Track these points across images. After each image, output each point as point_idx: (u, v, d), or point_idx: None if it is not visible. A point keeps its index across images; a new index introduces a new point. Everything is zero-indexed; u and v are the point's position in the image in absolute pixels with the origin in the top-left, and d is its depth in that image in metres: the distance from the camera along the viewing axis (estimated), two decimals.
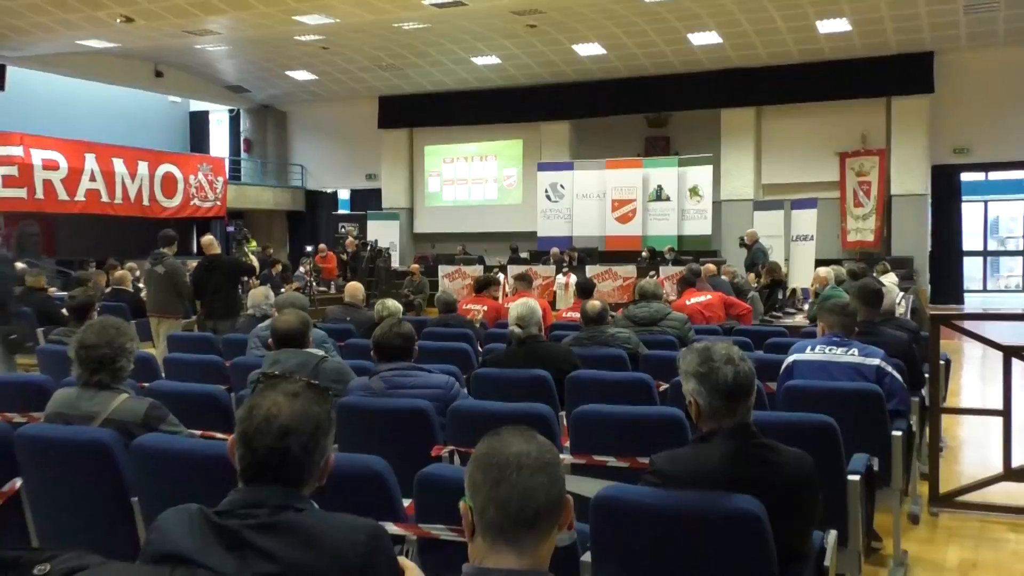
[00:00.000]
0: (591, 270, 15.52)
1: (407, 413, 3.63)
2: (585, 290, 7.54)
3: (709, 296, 7.70)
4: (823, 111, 17.97)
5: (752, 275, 12.45)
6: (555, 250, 17.05)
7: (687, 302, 7.49)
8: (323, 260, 17.17)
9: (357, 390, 3.80)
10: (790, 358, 4.34)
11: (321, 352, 4.20)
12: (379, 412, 3.67)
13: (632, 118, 19.85)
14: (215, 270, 8.59)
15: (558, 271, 15.74)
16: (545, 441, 1.56)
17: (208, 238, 9.04)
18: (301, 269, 16.59)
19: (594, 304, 5.56)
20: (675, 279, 13.91)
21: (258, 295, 6.63)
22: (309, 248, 16.04)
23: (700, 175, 17.80)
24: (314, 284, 15.35)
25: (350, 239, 17.48)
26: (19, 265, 10.41)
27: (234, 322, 8.31)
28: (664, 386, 4.62)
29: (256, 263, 9.49)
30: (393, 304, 6.01)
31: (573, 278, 14.33)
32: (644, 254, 16.57)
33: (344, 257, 17.35)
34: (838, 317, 4.32)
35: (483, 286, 8.37)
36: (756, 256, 13.61)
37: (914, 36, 16.38)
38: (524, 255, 18.46)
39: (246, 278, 10.23)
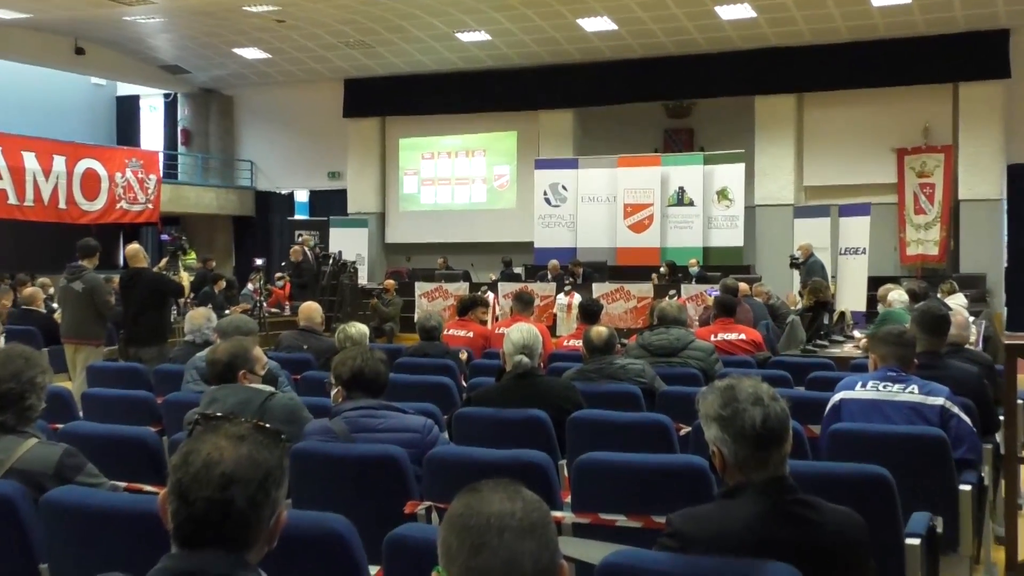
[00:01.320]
0: (598, 289, 15.55)
1: (375, 461, 3.63)
2: (590, 313, 7.55)
3: (743, 335, 7.54)
4: (877, 99, 18.08)
5: (792, 295, 12.49)
6: (554, 263, 17.08)
7: (713, 336, 7.36)
8: (281, 290, 17.12)
9: (314, 434, 3.80)
10: (836, 396, 4.35)
11: (268, 388, 4.21)
12: (341, 460, 3.66)
13: (648, 106, 19.95)
14: (135, 287, 8.60)
15: (559, 289, 15.75)
16: (533, 497, 1.56)
17: (134, 247, 9.04)
18: (249, 286, 16.56)
19: (600, 331, 5.59)
20: (699, 300, 14.00)
21: (198, 318, 6.63)
22: (259, 261, 16.01)
23: (730, 175, 17.89)
24: (264, 304, 15.33)
25: (295, 247, 17.41)
26: None
27: (160, 349, 8.33)
28: (685, 430, 4.62)
29: (186, 281, 9.49)
30: (358, 330, 6.01)
31: (577, 298, 14.33)
32: (662, 270, 16.62)
33: (287, 276, 17.17)
34: (893, 347, 4.33)
35: (468, 307, 8.38)
36: (814, 271, 13.63)
37: (986, 10, 16.50)
38: (518, 270, 18.48)
39: (182, 300, 10.20)
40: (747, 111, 18.84)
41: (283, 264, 17.68)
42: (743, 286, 10.96)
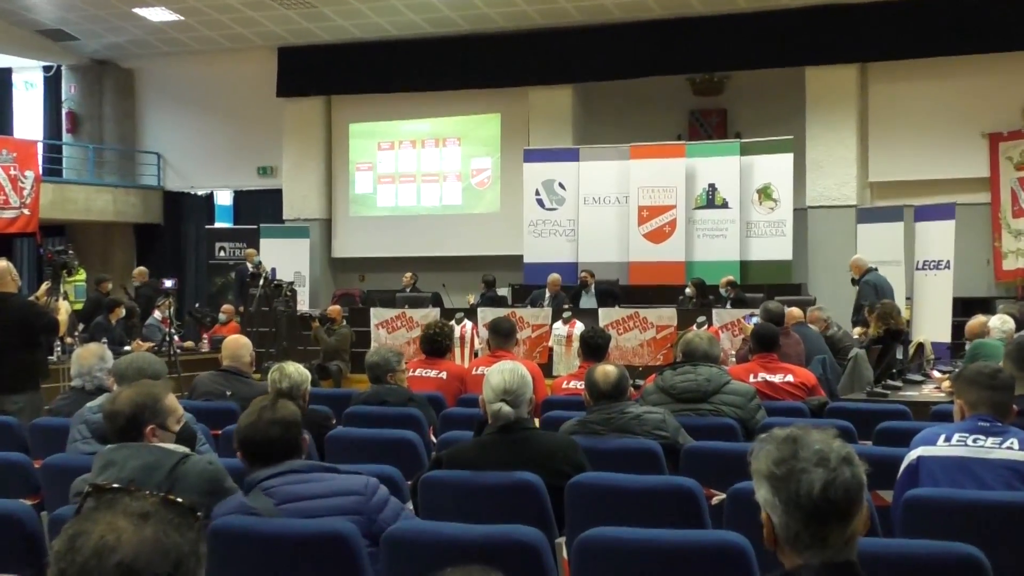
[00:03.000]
0: (605, 315, 15.52)
1: (318, 542, 3.63)
2: (594, 347, 7.56)
3: (790, 376, 7.56)
4: (963, 70, 18.13)
5: (857, 326, 12.51)
6: (555, 277, 16.96)
7: (753, 377, 7.40)
8: (224, 327, 17.06)
9: (228, 514, 3.80)
10: (913, 453, 4.36)
11: (181, 448, 4.19)
12: (274, 541, 3.66)
13: (670, 81, 20.00)
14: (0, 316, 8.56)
15: (555, 316, 15.72)
16: None
17: (1, 265, 8.98)
18: (156, 315, 16.50)
19: (607, 370, 5.59)
20: (735, 330, 14.02)
21: (88, 357, 6.59)
22: (168, 283, 15.93)
23: (775, 168, 17.92)
24: (176, 338, 15.29)
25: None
26: None
27: (31, 397, 8.28)
28: (718, 497, 4.63)
29: (63, 312, 9.41)
30: (297, 369, 6.00)
31: (579, 327, 14.30)
32: (689, 291, 16.60)
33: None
34: (986, 390, 4.35)
35: (438, 345, 8.37)
36: (865, 293, 13.67)
37: None
38: (503, 292, 18.44)
39: (67, 338, 10.10)
40: (796, 87, 18.89)
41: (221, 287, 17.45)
42: (794, 311, 10.96)
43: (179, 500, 1.79)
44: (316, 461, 3.96)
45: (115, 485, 1.83)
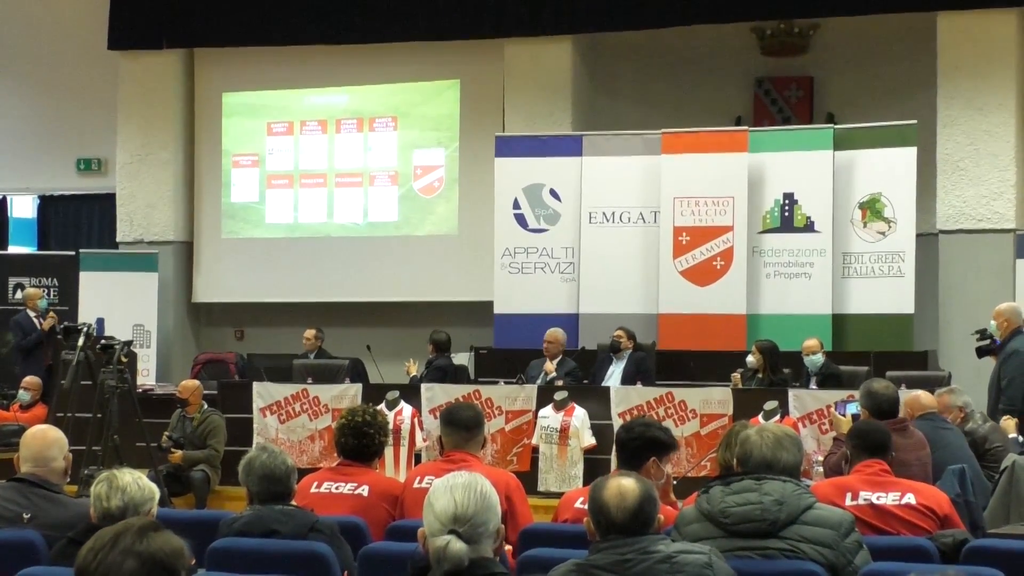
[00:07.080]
0: (621, 397, 15.45)
1: None
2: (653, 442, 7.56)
3: (911, 497, 7.60)
4: None
5: (1006, 415, 12.51)
6: (556, 333, 16.87)
7: (851, 498, 7.44)
8: (26, 412, 17.01)
9: None
10: None
11: None
12: None
13: (726, 34, 20.21)
14: None
15: (544, 397, 15.62)
16: None
17: None
18: None
19: (624, 487, 5.54)
20: (824, 423, 14.01)
21: None
22: None
23: (888, 170, 18.02)
24: None
25: None
26: None
27: None
28: None
29: None
30: (137, 485, 5.97)
31: (580, 417, 14.24)
32: (751, 360, 16.59)
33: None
34: None
35: (368, 443, 8.35)
36: (1013, 367, 13.66)
37: None
38: (461, 359, 18.40)
39: None
40: (922, 43, 19.02)
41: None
42: (920, 398, 10.94)
43: None
44: None
45: None
